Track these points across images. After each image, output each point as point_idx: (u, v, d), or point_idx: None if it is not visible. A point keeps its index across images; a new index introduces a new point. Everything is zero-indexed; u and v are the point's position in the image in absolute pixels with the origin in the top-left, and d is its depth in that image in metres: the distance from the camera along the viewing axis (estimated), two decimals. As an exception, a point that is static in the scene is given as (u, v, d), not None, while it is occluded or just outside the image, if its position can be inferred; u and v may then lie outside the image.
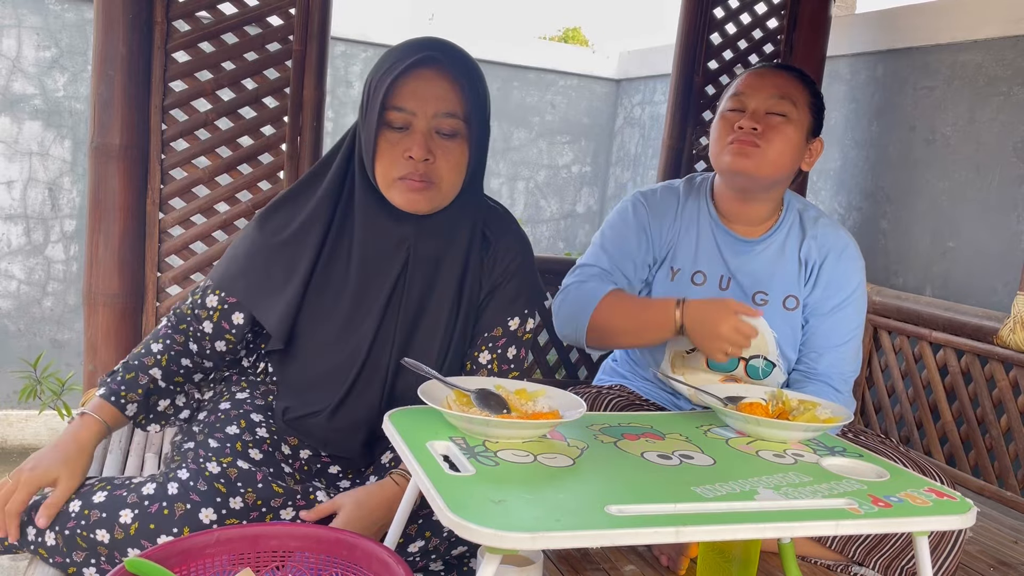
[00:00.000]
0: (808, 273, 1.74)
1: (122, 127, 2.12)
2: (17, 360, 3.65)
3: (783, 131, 1.64)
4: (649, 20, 13.25)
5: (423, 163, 1.32)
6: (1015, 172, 2.46)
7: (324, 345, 1.45)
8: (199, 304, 1.46)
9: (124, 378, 1.39)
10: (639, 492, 1.01)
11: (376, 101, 1.31)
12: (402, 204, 1.36)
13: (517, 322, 1.50)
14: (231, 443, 1.32)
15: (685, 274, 1.75)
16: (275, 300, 1.42)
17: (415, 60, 1.30)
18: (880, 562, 1.54)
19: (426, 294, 1.44)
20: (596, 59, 4.99)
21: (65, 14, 3.73)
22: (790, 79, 1.68)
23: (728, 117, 1.68)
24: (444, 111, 1.32)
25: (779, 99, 1.65)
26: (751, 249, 1.75)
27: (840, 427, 1.31)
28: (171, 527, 1.21)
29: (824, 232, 1.75)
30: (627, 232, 1.78)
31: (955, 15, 2.67)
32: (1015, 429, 2.16)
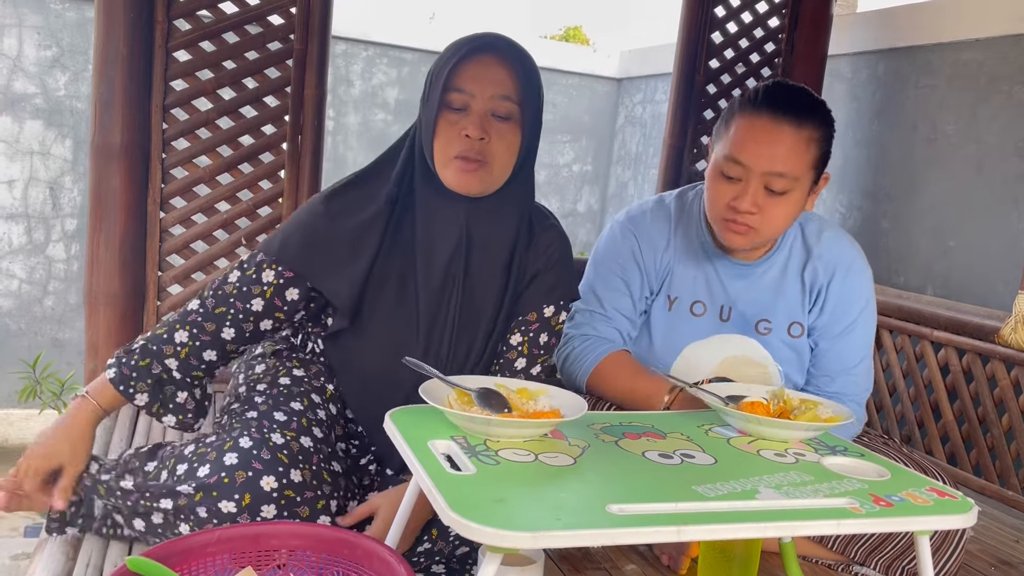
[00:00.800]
0: (814, 297, 1.66)
1: (123, 126, 2.12)
2: (17, 360, 3.65)
3: (782, 208, 1.51)
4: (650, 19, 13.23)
5: (478, 141, 1.37)
6: (1016, 171, 2.46)
7: (385, 326, 1.48)
8: (251, 280, 1.43)
9: (138, 364, 1.38)
10: (640, 491, 1.01)
11: (439, 83, 1.37)
12: (454, 184, 1.40)
13: (552, 310, 1.53)
14: (297, 418, 1.35)
15: (683, 303, 1.68)
16: (340, 277, 1.45)
17: (476, 46, 1.38)
18: (881, 562, 1.54)
19: (479, 275, 1.48)
20: (597, 58, 4.98)
21: (66, 13, 3.73)
22: (794, 146, 1.47)
23: (722, 183, 1.52)
24: (500, 94, 1.38)
25: (778, 176, 1.47)
26: (751, 273, 1.66)
27: (840, 426, 1.30)
28: (232, 494, 1.23)
29: (829, 249, 1.65)
30: (617, 269, 1.70)
31: (956, 14, 2.67)
32: (1016, 428, 2.16)
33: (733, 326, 1.67)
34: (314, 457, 1.32)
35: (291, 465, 1.27)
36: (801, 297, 1.66)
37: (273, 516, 1.24)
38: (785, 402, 1.36)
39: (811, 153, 1.50)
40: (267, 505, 1.24)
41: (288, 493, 1.25)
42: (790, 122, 1.47)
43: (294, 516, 1.26)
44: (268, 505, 1.24)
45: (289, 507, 1.25)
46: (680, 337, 1.68)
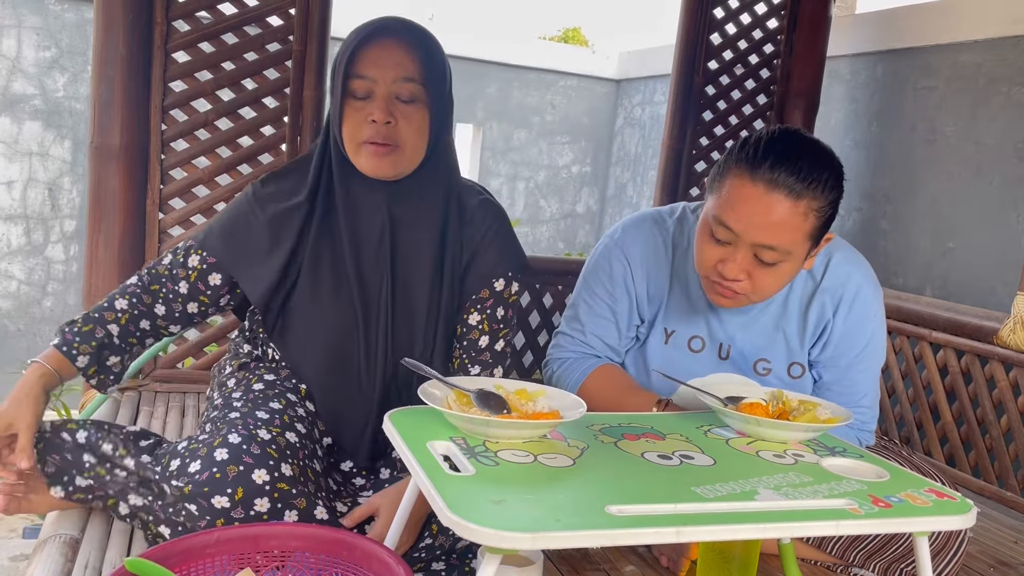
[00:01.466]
0: (819, 332, 1.57)
1: (122, 127, 2.12)
2: (17, 360, 3.65)
3: (773, 276, 1.41)
4: (649, 20, 13.22)
5: (385, 126, 1.38)
6: (1015, 172, 2.46)
7: (321, 316, 1.49)
8: (179, 263, 1.49)
9: (80, 329, 1.42)
10: (639, 492, 1.01)
11: (340, 71, 1.39)
12: (368, 169, 1.42)
13: (502, 283, 1.54)
14: (279, 415, 1.36)
15: (681, 337, 1.61)
16: (259, 269, 1.48)
17: (373, 30, 1.39)
18: (880, 565, 1.54)
19: (408, 255, 1.49)
20: (596, 59, 4.99)
21: (65, 14, 3.73)
22: (788, 218, 1.34)
23: (711, 244, 1.42)
24: (403, 76, 1.38)
25: (769, 249, 1.37)
26: (751, 310, 1.57)
27: (839, 426, 1.30)
28: (224, 489, 1.23)
29: (835, 276, 1.54)
30: (605, 295, 1.64)
31: (955, 15, 2.67)
32: (1015, 429, 2.16)
33: (732, 365, 1.60)
34: (300, 452, 1.33)
35: (281, 459, 1.28)
36: (801, 336, 1.58)
37: (267, 510, 1.24)
38: (784, 403, 1.36)
39: (808, 224, 1.37)
40: (260, 499, 1.23)
41: (281, 486, 1.25)
42: (787, 193, 1.34)
43: (289, 508, 1.26)
44: (261, 499, 1.23)
45: (283, 499, 1.25)
46: (677, 372, 1.60)
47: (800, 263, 1.43)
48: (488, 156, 4.68)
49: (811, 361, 1.61)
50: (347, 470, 1.51)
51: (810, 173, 1.35)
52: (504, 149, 4.72)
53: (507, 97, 4.74)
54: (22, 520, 3.31)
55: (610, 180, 5.01)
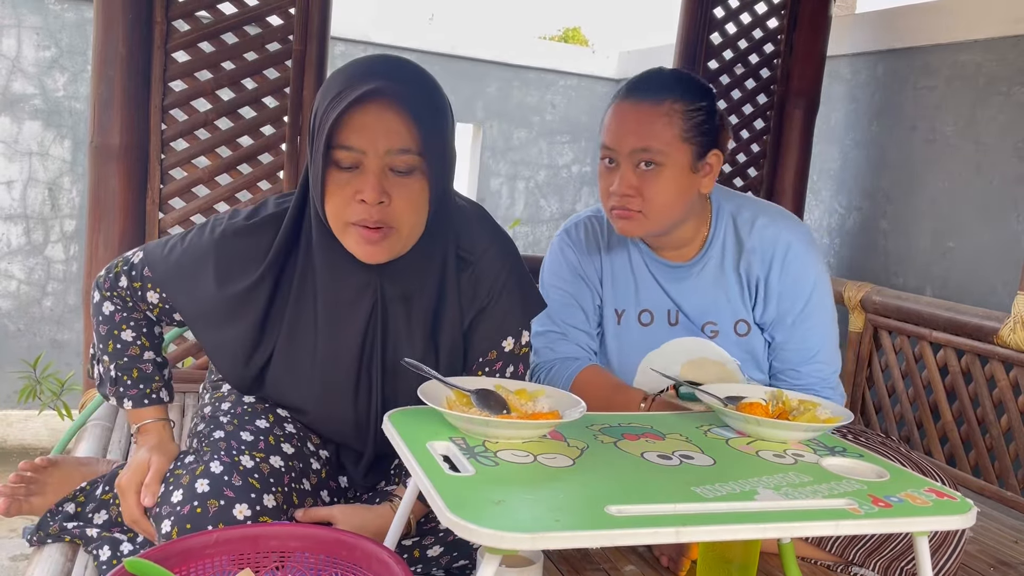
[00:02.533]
0: (754, 292, 1.62)
1: (122, 127, 2.12)
2: (17, 360, 3.65)
3: (658, 185, 1.49)
4: (649, 20, 13.23)
5: (377, 206, 1.18)
6: (1015, 172, 2.46)
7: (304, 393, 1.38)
8: (138, 296, 1.36)
9: (132, 378, 1.37)
10: (639, 492, 1.01)
11: (320, 139, 1.17)
12: (359, 255, 1.23)
13: (511, 342, 1.40)
14: (264, 436, 1.30)
15: (631, 315, 1.66)
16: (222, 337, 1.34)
17: (361, 93, 1.15)
18: (880, 563, 1.54)
19: (400, 336, 1.35)
20: (596, 59, 4.99)
21: (65, 14, 3.73)
22: (654, 121, 1.48)
23: (603, 174, 1.55)
24: (397, 147, 1.18)
25: (643, 151, 1.48)
26: (688, 274, 1.63)
27: (840, 426, 1.31)
28: (205, 525, 1.18)
29: (762, 237, 1.59)
30: (562, 283, 1.69)
31: (955, 15, 2.67)
32: (1015, 429, 2.16)
33: (683, 329, 1.65)
34: (285, 478, 1.28)
35: (263, 490, 1.22)
36: (741, 294, 1.62)
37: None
38: (784, 403, 1.36)
39: (675, 125, 1.49)
40: None
41: (263, 520, 1.21)
42: (647, 100, 1.49)
43: None
44: None
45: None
46: (635, 350, 1.67)
47: (683, 172, 1.50)
48: (488, 156, 4.69)
49: (759, 324, 1.64)
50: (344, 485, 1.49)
51: (666, 81, 1.53)
52: (504, 149, 4.72)
53: (507, 97, 4.73)
54: (22, 520, 3.31)
55: (610, 180, 5.01)
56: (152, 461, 1.30)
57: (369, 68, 1.19)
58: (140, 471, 1.29)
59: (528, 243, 4.85)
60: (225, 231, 1.32)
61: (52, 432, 3.94)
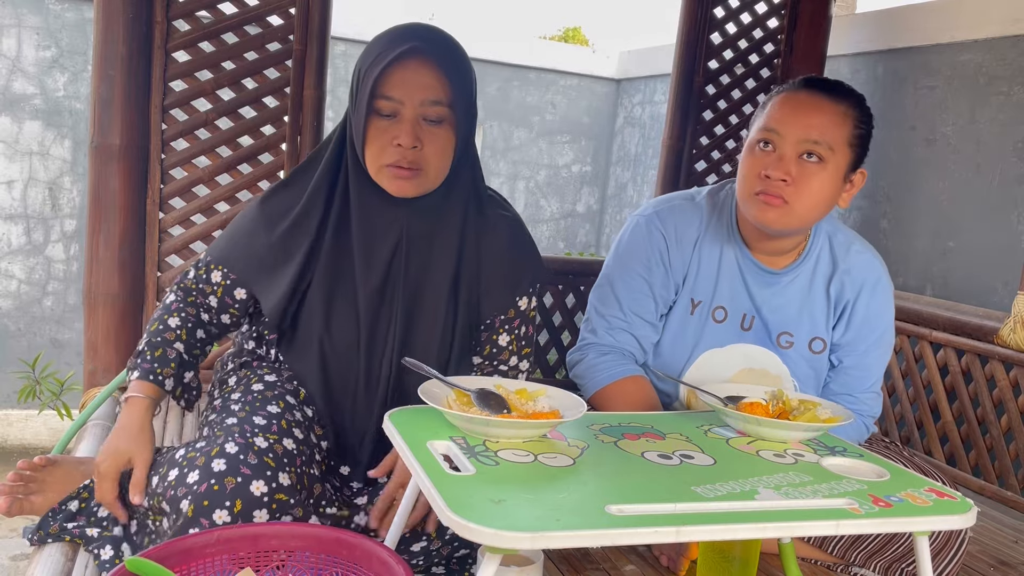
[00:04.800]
0: (839, 312, 1.63)
1: (122, 127, 2.12)
2: (17, 360, 3.65)
3: (815, 180, 1.47)
4: (649, 20, 13.23)
5: (411, 150, 1.36)
6: (1015, 172, 2.46)
7: (327, 330, 1.47)
8: (203, 279, 1.50)
9: (154, 355, 1.42)
10: (639, 492, 1.01)
11: (365, 91, 1.35)
12: (391, 190, 1.40)
13: (525, 301, 1.55)
14: (276, 420, 1.35)
15: (705, 308, 1.64)
16: (274, 282, 1.46)
17: (403, 51, 1.34)
18: (881, 565, 1.54)
19: (422, 271, 1.48)
20: (596, 59, 4.99)
21: (65, 14, 3.73)
22: (830, 115, 1.48)
23: (756, 156, 1.50)
24: (430, 99, 1.35)
25: (814, 143, 1.46)
26: (777, 281, 1.62)
27: (841, 426, 1.30)
28: (223, 503, 1.21)
29: (857, 263, 1.62)
30: (641, 269, 1.64)
31: (955, 15, 2.67)
32: (1015, 429, 2.16)
33: (754, 336, 1.63)
34: (297, 460, 1.31)
35: (278, 468, 1.26)
36: (826, 312, 1.63)
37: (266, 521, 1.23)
38: (784, 403, 1.36)
39: (847, 127, 1.49)
40: (259, 510, 1.22)
41: (279, 496, 1.24)
42: (826, 96, 1.49)
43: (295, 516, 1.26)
44: (260, 510, 1.22)
45: (281, 510, 1.24)
46: (698, 341, 1.64)
47: (839, 177, 1.50)
48: (488, 155, 4.69)
49: (832, 343, 1.65)
50: (345, 474, 1.51)
51: (844, 88, 1.53)
52: (504, 148, 4.72)
53: (507, 97, 4.74)
54: (23, 520, 3.30)
55: (610, 180, 5.01)
56: (136, 458, 1.33)
57: (408, 31, 1.37)
58: (119, 460, 1.32)
59: (528, 243, 4.84)
60: (266, 193, 1.51)
61: (52, 432, 3.94)
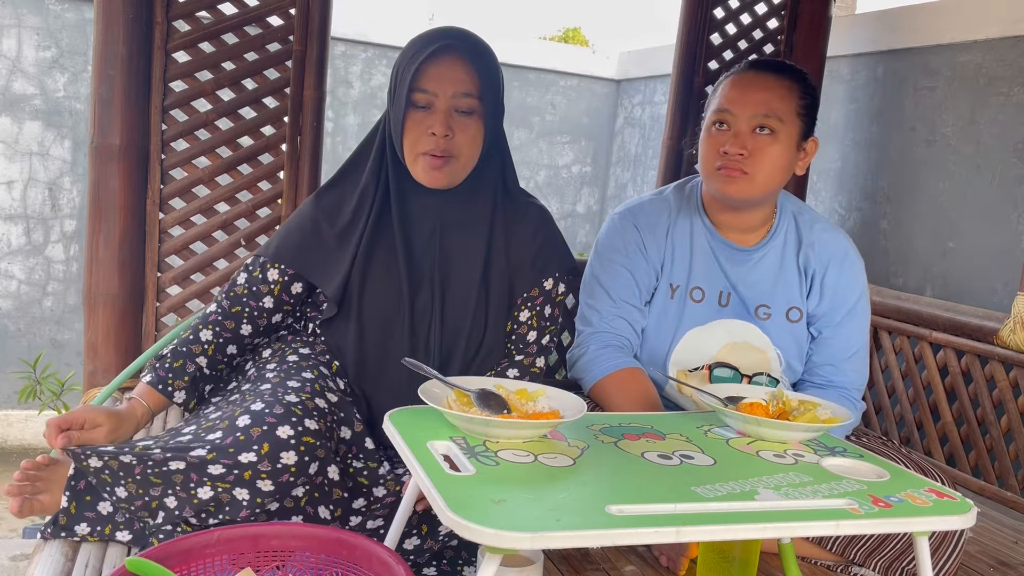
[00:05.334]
0: (810, 283, 1.71)
1: (122, 127, 2.12)
2: (17, 360, 3.65)
3: (770, 151, 1.59)
4: (649, 20, 13.23)
5: (444, 139, 1.47)
6: (1015, 172, 2.46)
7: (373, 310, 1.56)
8: (259, 280, 1.57)
9: (172, 366, 1.49)
10: (639, 492, 1.01)
11: (404, 85, 1.47)
12: (424, 180, 1.52)
13: (551, 283, 1.64)
14: (310, 384, 1.42)
15: (683, 290, 1.72)
16: (330, 270, 1.56)
17: (438, 48, 1.47)
18: (880, 563, 1.54)
19: (455, 256, 1.58)
20: (596, 59, 4.99)
21: (65, 14, 3.73)
22: (776, 90, 1.60)
23: (713, 135, 1.62)
24: (462, 91, 1.48)
25: (764, 116, 1.58)
26: (749, 258, 1.71)
27: (840, 427, 1.31)
28: (250, 446, 1.26)
29: (822, 238, 1.71)
30: (622, 259, 1.74)
31: (955, 15, 2.67)
32: (1015, 429, 2.16)
33: (732, 311, 1.70)
34: (328, 417, 1.38)
35: (304, 416, 1.32)
36: (799, 282, 1.70)
37: (294, 463, 1.27)
38: (784, 403, 1.36)
39: (793, 100, 1.60)
40: (286, 452, 1.26)
41: (307, 439, 1.30)
42: (770, 74, 1.62)
43: (314, 461, 1.30)
44: (287, 452, 1.27)
45: (309, 453, 1.29)
46: (680, 323, 1.71)
47: (792, 146, 1.61)
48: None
49: (809, 315, 1.72)
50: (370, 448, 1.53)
51: (784, 65, 1.66)
52: (504, 149, 4.72)
53: (507, 97, 4.71)
54: (23, 520, 3.31)
55: (610, 180, 5.01)
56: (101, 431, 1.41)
57: (442, 32, 1.51)
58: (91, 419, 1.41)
59: (528, 243, 4.85)
60: (319, 192, 1.62)
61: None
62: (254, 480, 1.25)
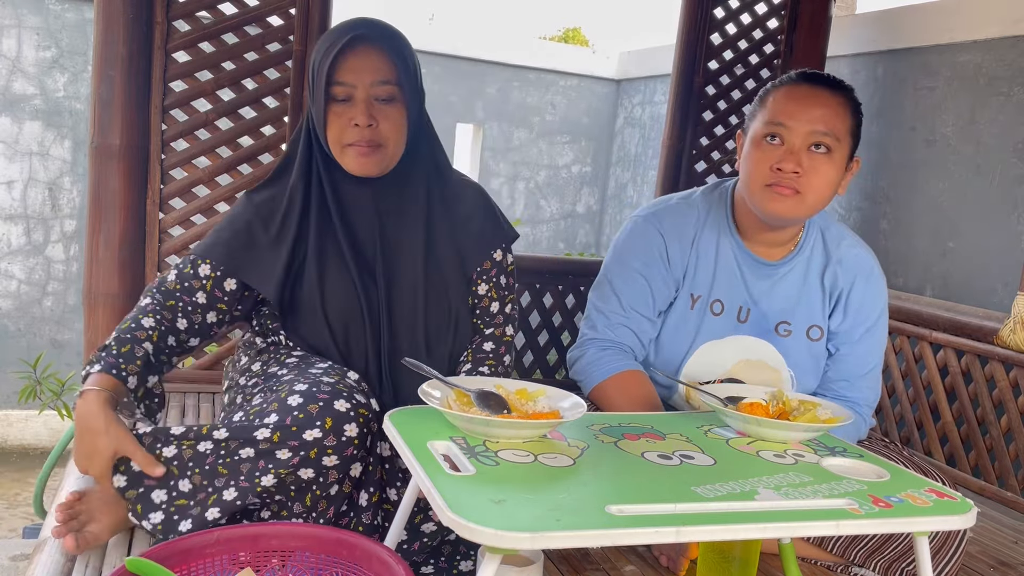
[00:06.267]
0: (834, 301, 1.67)
1: (122, 127, 2.11)
2: (17, 360, 3.65)
3: (825, 170, 1.52)
4: (649, 20, 13.22)
5: (368, 128, 1.47)
6: (1015, 172, 2.46)
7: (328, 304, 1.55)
8: (190, 275, 1.52)
9: (120, 351, 1.39)
10: (639, 492, 1.01)
11: (321, 80, 1.47)
12: (354, 169, 1.52)
13: (500, 254, 1.67)
14: (331, 369, 1.43)
15: (704, 301, 1.67)
16: (267, 265, 1.54)
17: (351, 39, 1.47)
18: (881, 564, 1.54)
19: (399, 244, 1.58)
20: (596, 59, 4.99)
21: (65, 14, 3.73)
22: (834, 107, 1.53)
23: (764, 149, 1.53)
24: (379, 79, 1.47)
25: (822, 134, 1.50)
26: (774, 273, 1.66)
27: (844, 436, 1.31)
28: (313, 423, 1.27)
29: (849, 255, 1.67)
30: (640, 266, 1.68)
31: (955, 15, 2.67)
32: (1015, 429, 2.16)
33: (750, 327, 1.67)
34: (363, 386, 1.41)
35: (352, 391, 1.34)
36: (822, 300, 1.67)
37: (355, 435, 1.29)
38: (784, 403, 1.36)
39: (848, 118, 1.54)
40: (348, 424, 1.29)
41: (363, 412, 1.32)
42: (826, 88, 1.55)
43: (370, 434, 1.34)
44: (349, 424, 1.29)
45: (366, 425, 1.32)
46: (696, 334, 1.68)
47: (843, 164, 1.55)
48: (488, 156, 4.69)
49: (830, 331, 1.69)
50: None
51: (837, 80, 1.58)
52: (504, 149, 4.72)
53: (507, 97, 4.74)
54: (23, 520, 3.31)
55: (610, 180, 5.01)
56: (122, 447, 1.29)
57: (352, 23, 1.51)
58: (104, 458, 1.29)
59: (529, 243, 4.85)
60: (250, 192, 1.61)
61: (52, 432, 3.95)
62: (320, 458, 1.27)
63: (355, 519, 1.39)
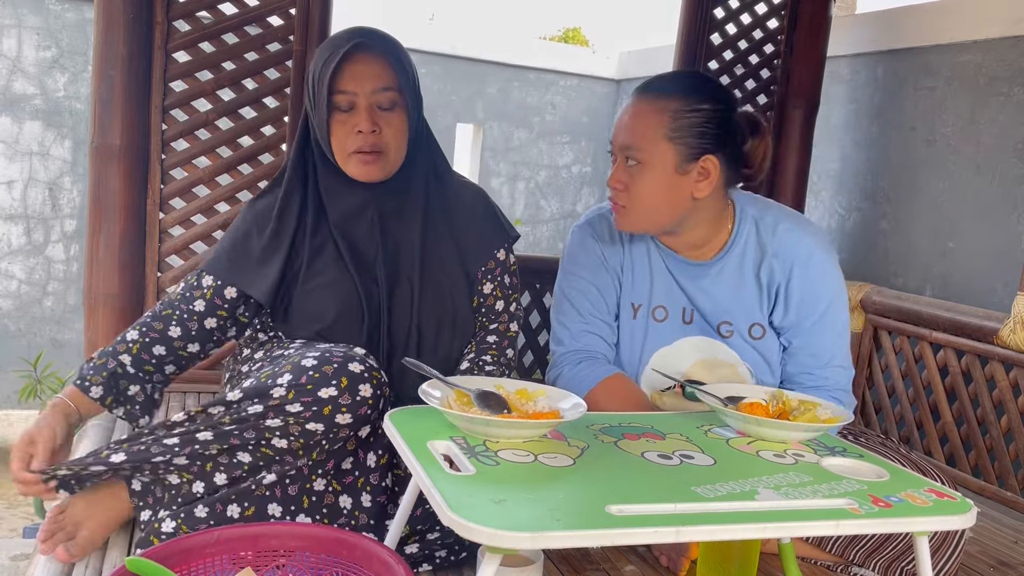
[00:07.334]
0: (773, 296, 1.62)
1: (122, 127, 2.12)
2: (17, 360, 3.65)
3: (639, 182, 1.53)
4: (649, 20, 13.22)
5: (371, 135, 1.50)
6: (1015, 172, 2.46)
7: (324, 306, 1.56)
8: (192, 286, 1.57)
9: (96, 364, 1.49)
10: (639, 492, 1.02)
11: (322, 90, 1.49)
12: (358, 175, 1.54)
13: (503, 254, 1.70)
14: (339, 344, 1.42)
15: (645, 309, 1.67)
16: (262, 273, 1.56)
17: (349, 48, 1.49)
18: (880, 563, 1.54)
19: (399, 246, 1.60)
20: (596, 59, 4.99)
21: (65, 14, 3.74)
22: (640, 116, 1.53)
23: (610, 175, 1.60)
24: (381, 87, 1.51)
25: (628, 149, 1.54)
26: (706, 273, 1.64)
27: (840, 427, 1.31)
28: (329, 381, 1.29)
29: (784, 243, 1.60)
30: (587, 273, 1.70)
31: (955, 15, 2.67)
32: (1015, 429, 2.16)
33: (696, 328, 1.65)
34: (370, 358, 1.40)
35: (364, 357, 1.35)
36: (759, 297, 1.63)
37: (370, 396, 1.31)
38: (784, 403, 1.36)
39: (662, 124, 1.51)
40: (363, 384, 1.30)
41: (375, 375, 1.33)
42: (647, 97, 1.55)
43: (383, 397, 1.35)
44: (364, 384, 1.30)
45: (380, 387, 1.33)
46: (647, 345, 1.67)
47: (668, 173, 1.52)
48: (488, 156, 4.69)
49: (776, 328, 1.65)
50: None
51: (670, 81, 1.58)
52: (504, 149, 4.72)
53: (507, 97, 4.74)
54: (22, 520, 3.31)
55: (610, 180, 5.01)
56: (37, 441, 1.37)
57: (350, 33, 1.53)
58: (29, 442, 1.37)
59: (528, 243, 4.85)
60: (252, 200, 1.64)
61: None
62: (333, 415, 1.28)
63: (361, 478, 1.40)
